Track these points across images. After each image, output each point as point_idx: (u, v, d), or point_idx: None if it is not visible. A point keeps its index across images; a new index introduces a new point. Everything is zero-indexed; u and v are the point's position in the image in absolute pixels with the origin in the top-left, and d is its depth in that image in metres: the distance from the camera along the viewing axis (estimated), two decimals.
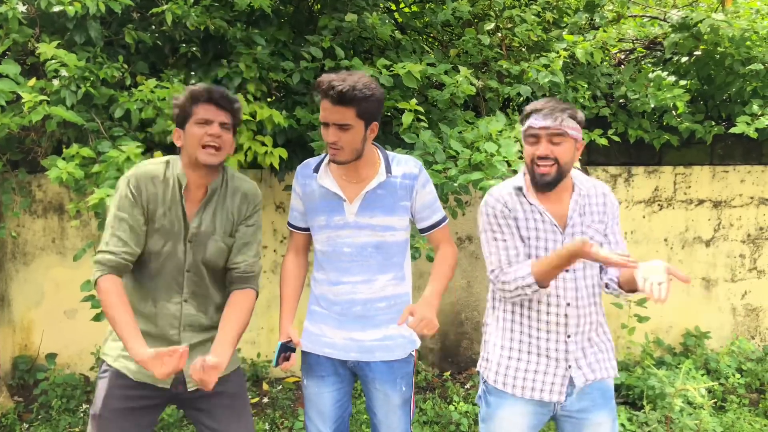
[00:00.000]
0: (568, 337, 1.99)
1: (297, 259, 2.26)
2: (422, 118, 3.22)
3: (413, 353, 2.23)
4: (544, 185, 1.95)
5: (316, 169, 2.15)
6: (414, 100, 3.13)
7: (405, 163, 2.13)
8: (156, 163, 2.06)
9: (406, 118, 3.09)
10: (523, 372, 2.03)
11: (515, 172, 2.92)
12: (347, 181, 2.10)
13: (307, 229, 2.22)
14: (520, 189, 2.02)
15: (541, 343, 2.01)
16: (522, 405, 2.05)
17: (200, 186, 2.05)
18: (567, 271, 1.97)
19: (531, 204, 2.00)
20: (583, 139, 2.03)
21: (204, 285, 2.08)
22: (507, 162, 2.86)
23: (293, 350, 2.16)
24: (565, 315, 1.99)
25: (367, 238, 2.09)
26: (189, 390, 2.05)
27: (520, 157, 2.93)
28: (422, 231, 2.21)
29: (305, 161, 2.22)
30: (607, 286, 2.03)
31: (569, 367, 2.00)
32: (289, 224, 2.26)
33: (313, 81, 3.39)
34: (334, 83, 1.92)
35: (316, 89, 2.00)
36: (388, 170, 2.10)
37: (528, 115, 1.96)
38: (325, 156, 2.16)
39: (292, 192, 2.24)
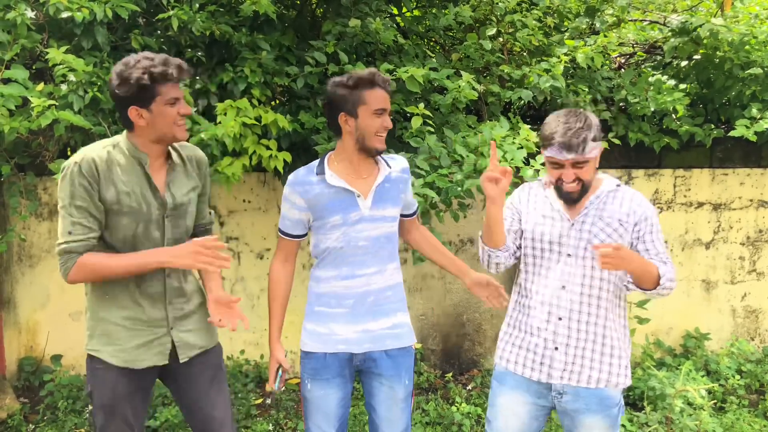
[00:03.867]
0: (560, 319, 2.08)
1: (285, 267, 2.30)
2: (429, 122, 3.26)
3: (413, 345, 2.33)
4: (571, 201, 2.06)
5: (319, 173, 2.19)
6: (422, 105, 3.17)
7: (397, 160, 2.32)
8: (102, 147, 2.01)
9: (415, 122, 3.13)
10: (517, 348, 2.17)
11: (521, 177, 2.96)
12: (355, 177, 2.19)
13: (299, 236, 2.27)
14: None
15: (533, 322, 2.13)
16: (519, 391, 2.15)
17: (159, 159, 2.07)
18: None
19: (547, 197, 2.16)
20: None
21: None
22: (513, 167, 2.89)
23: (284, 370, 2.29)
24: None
25: (381, 230, 2.20)
26: (181, 361, 2.14)
27: (526, 163, 2.97)
28: (404, 216, 2.35)
29: (296, 171, 2.26)
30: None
31: (556, 348, 2.08)
32: (281, 231, 2.29)
33: (317, 85, 3.44)
34: (382, 75, 2.14)
35: (362, 83, 2.10)
36: (388, 165, 2.24)
37: (548, 144, 2.00)
38: (320, 160, 2.23)
39: (283, 202, 2.25)
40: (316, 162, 2.24)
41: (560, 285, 2.08)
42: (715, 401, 3.78)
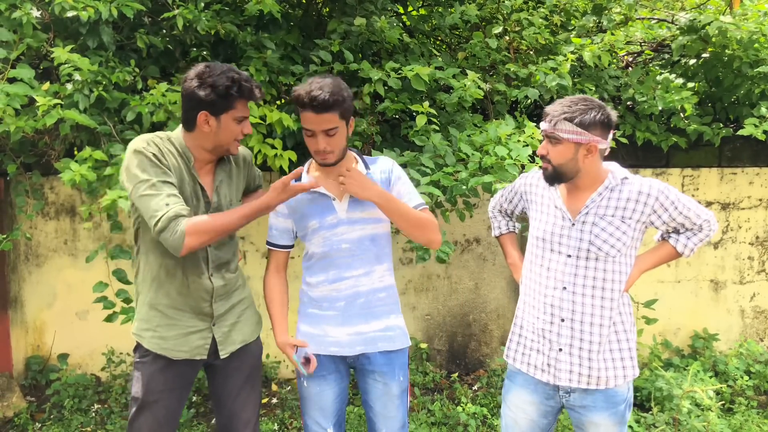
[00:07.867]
0: (562, 321, 2.07)
1: (278, 277, 2.32)
2: (434, 120, 3.25)
3: (409, 345, 2.33)
4: (546, 179, 2.08)
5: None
6: (426, 103, 3.16)
7: (379, 161, 2.26)
8: (158, 137, 2.04)
9: (419, 121, 3.12)
10: (523, 347, 2.18)
11: None
12: (331, 181, 2.18)
13: (287, 247, 2.29)
14: None
15: (537, 323, 2.12)
16: (527, 391, 2.17)
17: (206, 162, 2.11)
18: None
19: (555, 190, 2.14)
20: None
21: (225, 251, 2.20)
22: (519, 165, 2.87)
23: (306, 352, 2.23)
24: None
25: (362, 232, 2.18)
26: (222, 357, 2.17)
27: (532, 161, 2.95)
28: None
29: None
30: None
31: (560, 350, 2.07)
32: (268, 243, 2.30)
33: None
34: (314, 93, 1.99)
35: (295, 102, 2.04)
36: (366, 167, 2.22)
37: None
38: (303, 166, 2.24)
39: (270, 213, 2.22)
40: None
41: (561, 286, 2.07)
42: (723, 402, 3.75)
